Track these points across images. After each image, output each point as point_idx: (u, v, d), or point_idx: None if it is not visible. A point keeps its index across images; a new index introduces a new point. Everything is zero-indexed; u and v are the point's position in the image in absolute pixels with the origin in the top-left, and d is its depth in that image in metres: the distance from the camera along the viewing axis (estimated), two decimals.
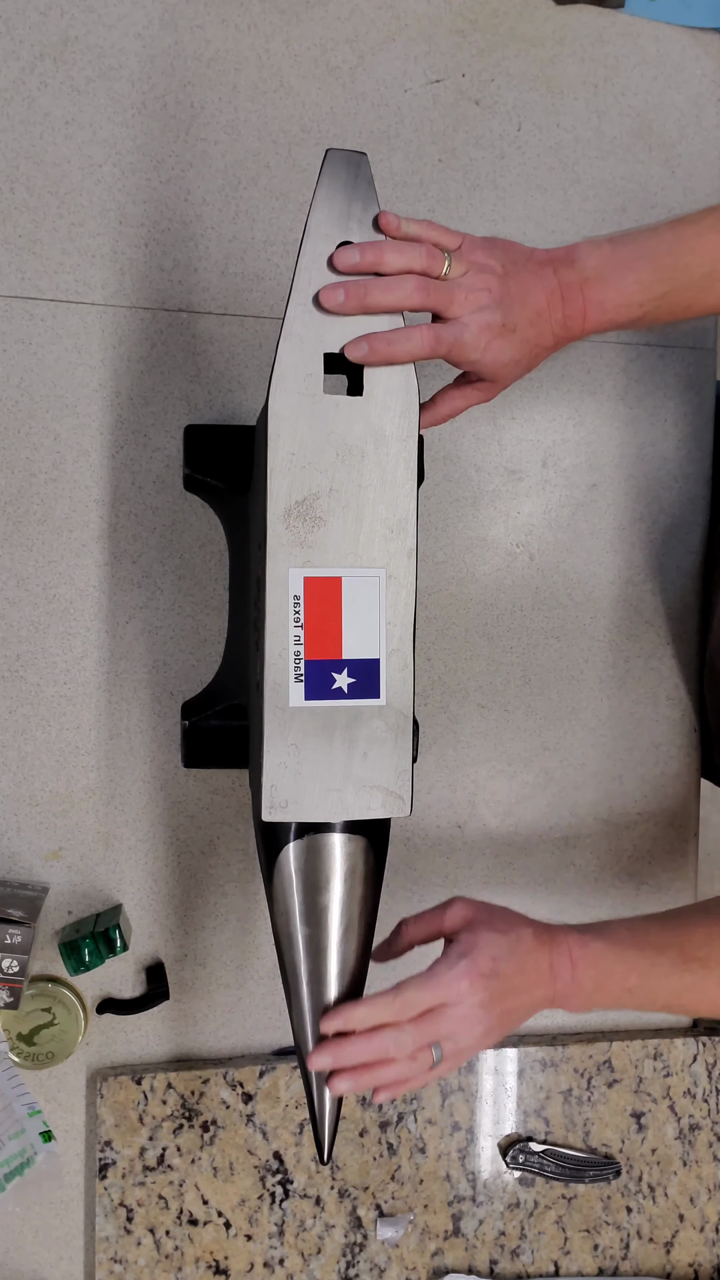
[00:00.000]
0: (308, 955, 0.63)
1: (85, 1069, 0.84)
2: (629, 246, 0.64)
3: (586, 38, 0.89)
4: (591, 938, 0.65)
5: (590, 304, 0.63)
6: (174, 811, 0.84)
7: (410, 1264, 0.87)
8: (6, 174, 0.79)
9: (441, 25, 0.87)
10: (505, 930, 0.63)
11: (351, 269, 0.59)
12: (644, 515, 0.92)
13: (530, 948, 0.63)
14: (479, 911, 0.65)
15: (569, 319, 0.64)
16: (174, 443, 0.83)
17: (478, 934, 0.63)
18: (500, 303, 0.61)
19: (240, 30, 0.83)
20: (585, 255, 0.64)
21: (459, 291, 0.61)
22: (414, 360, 0.60)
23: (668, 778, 0.94)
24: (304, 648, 0.60)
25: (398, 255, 0.59)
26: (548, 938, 0.64)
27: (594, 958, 0.64)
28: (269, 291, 0.84)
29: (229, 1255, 0.84)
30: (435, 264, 0.60)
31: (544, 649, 0.91)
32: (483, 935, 0.63)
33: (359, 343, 0.59)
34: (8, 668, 0.81)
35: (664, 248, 0.64)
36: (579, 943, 0.64)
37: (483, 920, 0.64)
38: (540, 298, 0.63)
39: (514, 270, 0.62)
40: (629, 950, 0.65)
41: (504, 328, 0.62)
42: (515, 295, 0.62)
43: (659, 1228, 0.92)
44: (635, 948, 0.65)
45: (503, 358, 0.63)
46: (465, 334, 0.61)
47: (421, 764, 0.88)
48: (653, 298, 0.64)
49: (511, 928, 0.64)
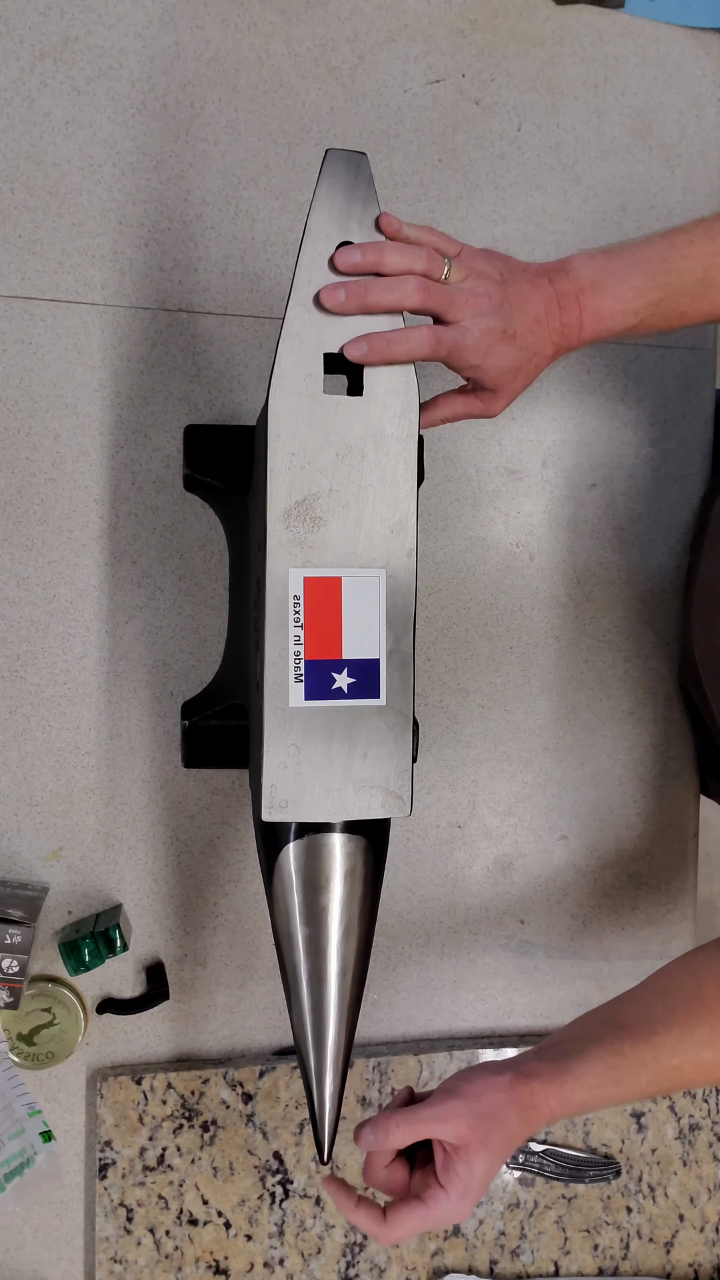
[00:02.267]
0: (308, 955, 0.63)
1: (85, 1069, 0.84)
2: (622, 256, 0.65)
3: (586, 38, 0.89)
4: (570, 1092, 0.63)
5: (587, 313, 0.64)
6: (174, 811, 0.84)
7: (410, 1264, 0.87)
8: (6, 174, 0.79)
9: (441, 25, 0.87)
10: (498, 1146, 0.61)
11: (352, 269, 0.59)
12: (644, 515, 0.92)
13: (514, 1137, 0.62)
14: (476, 1130, 0.61)
15: (566, 327, 0.64)
16: (174, 443, 0.83)
17: (474, 1164, 0.61)
18: (500, 308, 0.62)
19: (240, 30, 0.83)
20: (580, 265, 0.64)
21: (460, 295, 0.61)
22: (413, 361, 0.60)
23: (667, 778, 0.94)
24: (304, 648, 0.60)
25: (398, 256, 0.59)
26: (530, 1114, 0.62)
27: (572, 1110, 0.63)
28: (269, 291, 0.84)
29: (229, 1255, 0.84)
30: (436, 267, 0.60)
31: (544, 649, 0.91)
32: (479, 1165, 0.61)
33: (359, 342, 0.59)
34: (8, 668, 0.81)
35: (657, 255, 0.65)
36: (559, 1103, 0.63)
37: (479, 1143, 0.61)
38: (538, 305, 0.63)
39: (511, 279, 0.63)
40: (606, 1088, 0.63)
41: (504, 333, 0.62)
42: (515, 302, 0.62)
43: (659, 1228, 0.92)
44: (612, 1083, 0.63)
45: (503, 364, 0.63)
46: (466, 337, 0.61)
47: (421, 764, 0.88)
48: (647, 304, 0.65)
49: (503, 1134, 0.61)
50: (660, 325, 0.67)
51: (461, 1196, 0.61)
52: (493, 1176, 0.62)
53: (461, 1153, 0.61)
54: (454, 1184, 0.61)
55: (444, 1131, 0.61)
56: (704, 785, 0.96)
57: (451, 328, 0.61)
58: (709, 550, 0.87)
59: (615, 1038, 0.64)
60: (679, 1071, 0.64)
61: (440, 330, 0.61)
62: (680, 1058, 0.63)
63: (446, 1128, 0.61)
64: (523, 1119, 0.62)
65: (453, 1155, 0.61)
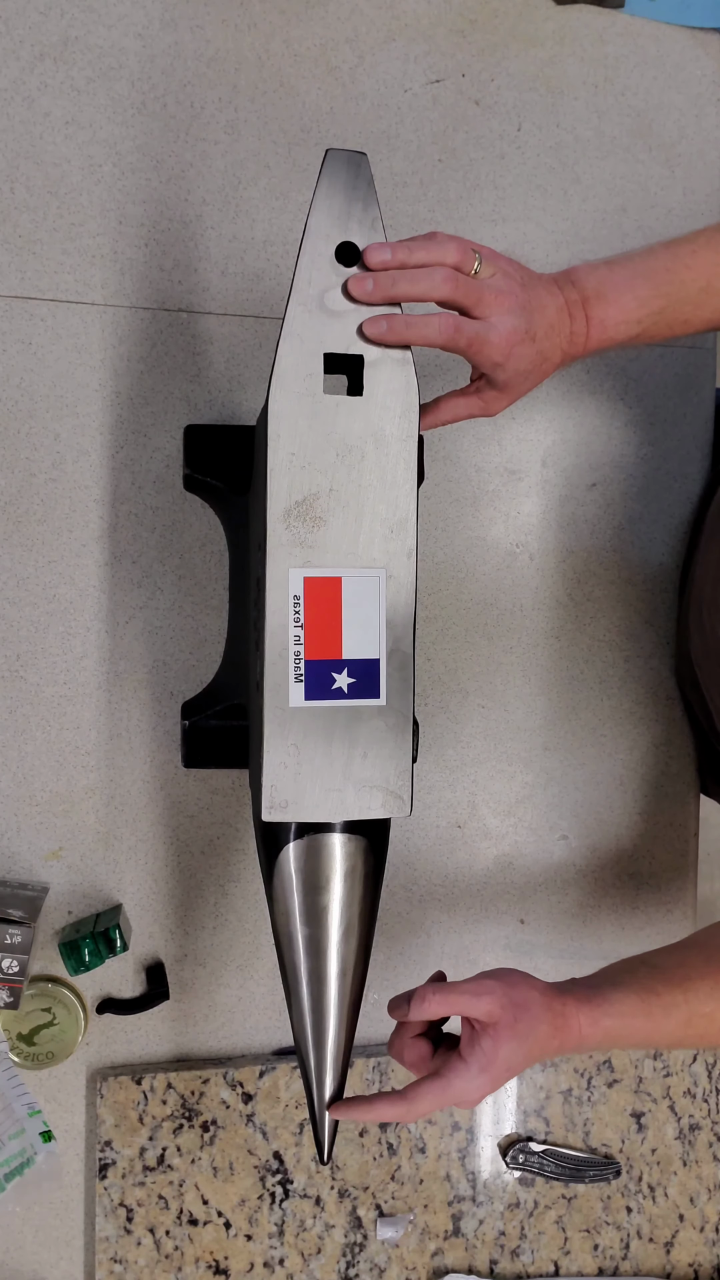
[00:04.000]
0: (308, 955, 0.63)
1: (85, 1069, 0.84)
2: (626, 266, 0.66)
3: (586, 38, 0.89)
4: (602, 1014, 0.63)
5: (592, 322, 0.64)
6: (174, 811, 0.84)
7: (410, 1264, 0.87)
8: (6, 174, 0.79)
9: (441, 25, 0.87)
10: (525, 1034, 0.62)
11: (382, 266, 0.59)
12: (644, 515, 0.92)
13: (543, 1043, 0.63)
14: (506, 1011, 0.62)
15: (575, 335, 0.65)
16: (174, 443, 0.83)
17: (500, 1043, 0.62)
18: (525, 308, 0.62)
19: (240, 30, 0.83)
20: (584, 276, 0.65)
21: (489, 292, 0.61)
22: (430, 345, 0.60)
23: (668, 778, 0.94)
24: (304, 648, 0.60)
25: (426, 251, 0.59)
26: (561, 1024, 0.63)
27: (601, 1035, 0.64)
28: (269, 291, 0.84)
29: (229, 1255, 0.84)
30: (467, 260, 0.60)
31: (544, 649, 0.91)
32: (504, 1045, 0.62)
33: (378, 320, 0.59)
34: (8, 668, 0.81)
35: (660, 265, 0.66)
36: (590, 1022, 0.63)
37: (507, 1025, 0.62)
38: (553, 312, 0.63)
39: (529, 283, 0.63)
40: (637, 1019, 0.64)
41: (528, 334, 0.62)
42: (535, 306, 0.63)
43: (659, 1228, 0.92)
44: (643, 1015, 0.64)
45: (521, 365, 0.63)
46: (492, 333, 0.61)
47: (421, 764, 0.88)
48: (650, 313, 0.65)
49: (531, 1028, 0.62)
50: (663, 334, 0.67)
51: (481, 1070, 0.61)
52: (514, 1069, 0.62)
53: (490, 1029, 0.62)
54: (476, 1057, 0.62)
55: (477, 1008, 0.62)
56: (704, 785, 0.96)
57: (475, 321, 0.61)
58: (703, 549, 0.87)
59: (649, 976, 0.66)
60: (710, 1020, 0.64)
61: (462, 320, 0.60)
62: (713, 1004, 0.64)
63: (479, 1004, 0.62)
64: (554, 1026, 0.63)
65: (480, 1032, 0.62)
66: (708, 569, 0.84)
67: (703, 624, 0.83)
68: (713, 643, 0.81)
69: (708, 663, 0.83)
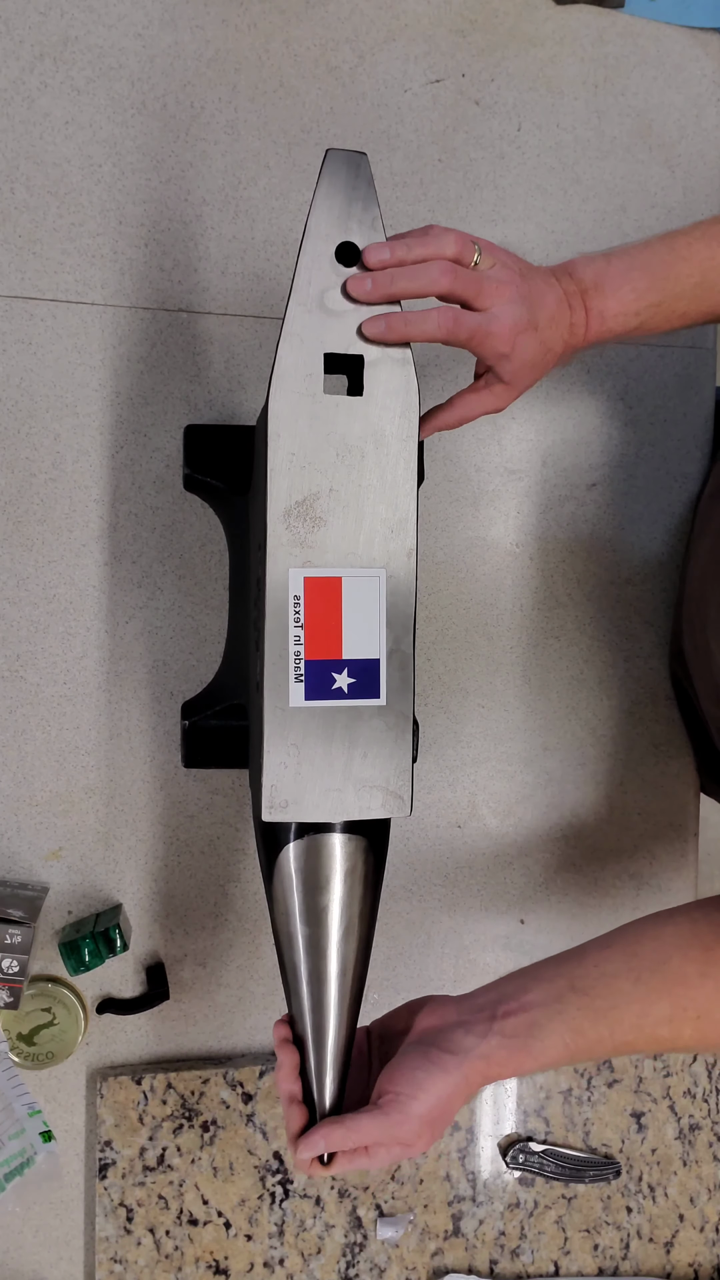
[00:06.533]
0: (308, 955, 0.63)
1: (85, 1069, 0.84)
2: (623, 259, 0.66)
3: (586, 38, 0.89)
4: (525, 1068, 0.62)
5: (591, 314, 0.64)
6: (174, 811, 0.84)
7: (410, 1264, 0.87)
8: (6, 174, 0.79)
9: (441, 25, 0.87)
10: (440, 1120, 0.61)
11: (380, 266, 0.59)
12: (644, 515, 0.92)
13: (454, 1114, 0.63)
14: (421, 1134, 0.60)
15: (575, 326, 0.65)
16: (174, 443, 0.83)
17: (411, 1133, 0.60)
18: (526, 299, 0.62)
19: (240, 30, 0.83)
20: (582, 268, 0.65)
21: (489, 283, 0.61)
22: (431, 340, 0.60)
23: (668, 778, 0.94)
24: (304, 648, 0.60)
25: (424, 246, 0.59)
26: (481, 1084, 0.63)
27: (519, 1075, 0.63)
28: (269, 291, 0.84)
29: (229, 1255, 0.84)
30: (467, 251, 0.60)
31: (544, 649, 0.91)
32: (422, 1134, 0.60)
33: (377, 320, 0.59)
34: (8, 668, 0.81)
35: (657, 259, 0.66)
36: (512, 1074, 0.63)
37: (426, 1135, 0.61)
38: (552, 301, 0.63)
39: (528, 274, 0.63)
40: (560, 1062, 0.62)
41: (530, 324, 0.62)
42: (535, 296, 0.62)
43: (659, 1228, 0.92)
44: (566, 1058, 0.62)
45: (527, 355, 0.63)
46: (494, 324, 0.61)
47: (421, 764, 0.88)
48: (648, 306, 0.65)
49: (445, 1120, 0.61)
50: (662, 326, 0.67)
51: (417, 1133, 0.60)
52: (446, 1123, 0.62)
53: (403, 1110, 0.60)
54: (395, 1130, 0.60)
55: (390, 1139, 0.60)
56: (703, 785, 0.96)
57: (476, 313, 0.61)
58: (694, 548, 0.87)
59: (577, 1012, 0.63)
60: (631, 1046, 0.63)
61: (463, 313, 0.60)
62: (635, 1034, 0.63)
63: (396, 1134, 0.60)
64: (469, 1095, 0.62)
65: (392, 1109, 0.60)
66: (696, 565, 0.84)
67: (692, 619, 0.83)
68: (700, 638, 0.81)
69: (696, 657, 0.83)
